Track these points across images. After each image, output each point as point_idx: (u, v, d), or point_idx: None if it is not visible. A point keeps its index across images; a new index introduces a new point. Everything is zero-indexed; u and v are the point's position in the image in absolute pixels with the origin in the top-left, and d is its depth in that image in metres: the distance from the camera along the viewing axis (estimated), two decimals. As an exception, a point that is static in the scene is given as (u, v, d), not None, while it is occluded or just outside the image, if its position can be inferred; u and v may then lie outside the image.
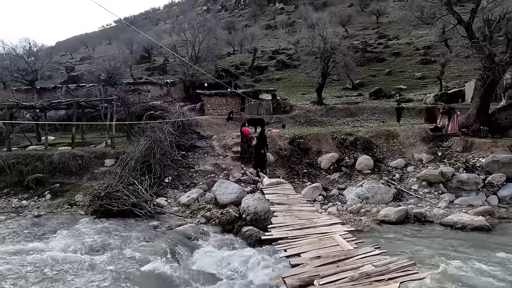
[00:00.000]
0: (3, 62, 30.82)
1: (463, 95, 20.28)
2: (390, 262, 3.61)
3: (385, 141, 12.81)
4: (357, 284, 3.28)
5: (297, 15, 51.12)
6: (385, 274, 3.34)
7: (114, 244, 7.33)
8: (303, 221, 5.75)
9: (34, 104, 16.51)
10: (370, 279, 3.31)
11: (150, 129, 13.04)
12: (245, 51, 40.94)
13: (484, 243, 6.85)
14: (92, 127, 17.91)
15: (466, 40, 14.21)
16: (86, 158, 12.42)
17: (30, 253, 6.88)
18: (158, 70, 36.69)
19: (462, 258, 5.96)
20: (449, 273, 5.26)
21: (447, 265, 5.50)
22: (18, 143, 16.07)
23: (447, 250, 6.50)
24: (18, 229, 8.62)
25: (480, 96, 12.32)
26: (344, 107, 21.20)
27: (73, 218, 9.55)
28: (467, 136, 11.85)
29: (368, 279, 3.31)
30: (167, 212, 9.78)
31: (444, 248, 6.60)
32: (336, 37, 23.29)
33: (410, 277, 3.27)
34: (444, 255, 6.05)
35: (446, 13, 14.47)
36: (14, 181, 11.68)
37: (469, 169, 10.36)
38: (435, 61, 28.91)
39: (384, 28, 44.42)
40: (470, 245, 6.71)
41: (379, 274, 3.36)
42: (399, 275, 3.30)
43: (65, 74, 38.40)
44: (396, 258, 3.74)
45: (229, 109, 20.65)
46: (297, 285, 3.44)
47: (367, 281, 3.29)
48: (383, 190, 9.99)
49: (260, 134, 11.64)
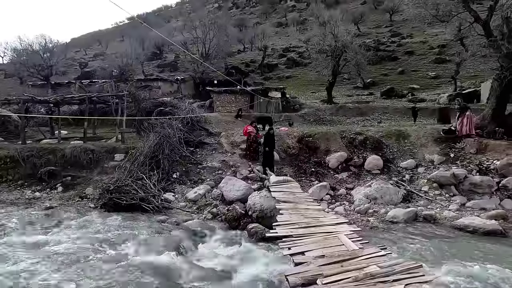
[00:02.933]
0: (20, 58, 31.73)
1: (479, 96, 19.70)
2: (395, 264, 3.54)
3: (395, 141, 12.57)
4: (361, 284, 3.23)
5: (308, 12, 50.65)
6: (390, 276, 3.28)
7: (122, 237, 7.46)
8: (308, 219, 5.71)
9: (49, 98, 16.93)
10: (374, 280, 3.25)
11: (159, 125, 13.17)
12: (256, 48, 40.85)
13: (496, 248, 6.64)
14: (103, 122, 18.23)
15: (483, 39, 13.73)
16: (97, 152, 12.65)
17: (41, 244, 7.08)
18: (169, 67, 37.04)
19: (472, 262, 5.79)
20: (457, 276, 5.12)
21: (456, 269, 5.36)
22: (33, 137, 16.51)
23: (456, 253, 6.33)
24: (31, 220, 8.87)
25: (496, 97, 11.93)
26: (354, 106, 20.92)
27: (83, 210, 9.75)
28: (482, 137, 11.50)
29: (372, 280, 3.26)
30: (175, 207, 9.88)
31: (453, 251, 6.43)
32: (348, 35, 22.97)
33: (416, 279, 3.19)
34: (453, 258, 5.90)
35: (462, 11, 14.01)
36: (28, 173, 12.00)
37: (483, 172, 10.05)
38: (449, 60, 28.17)
39: (398, 26, 43.51)
40: (481, 249, 6.52)
41: (383, 275, 3.31)
42: (404, 277, 3.23)
43: (79, 70, 39.25)
44: (402, 260, 3.67)
45: (238, 106, 20.67)
46: (300, 283, 3.41)
47: (371, 282, 3.24)
48: (392, 191, 9.81)
49: (267, 133, 11.60)
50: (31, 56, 30.16)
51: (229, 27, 40.31)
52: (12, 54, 35.10)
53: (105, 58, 39.94)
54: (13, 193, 11.25)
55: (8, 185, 11.70)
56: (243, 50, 43.61)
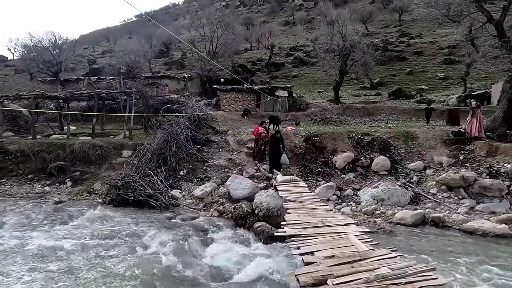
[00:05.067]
0: (30, 54, 32.13)
1: (489, 98, 19.38)
2: (407, 266, 3.51)
3: (403, 142, 12.45)
4: (372, 286, 3.22)
5: (316, 11, 50.25)
6: (402, 278, 3.25)
7: (129, 233, 7.54)
8: (317, 219, 5.70)
9: (58, 94, 17.14)
10: (386, 282, 3.23)
11: (166, 122, 13.25)
12: (263, 47, 40.76)
13: (506, 252, 6.54)
14: (111, 118, 18.40)
15: (496, 40, 13.54)
16: (105, 148, 12.78)
17: (49, 238, 7.18)
18: (176, 65, 37.16)
19: (483, 265, 5.72)
20: (470, 280, 5.06)
21: (467, 272, 5.30)
22: (42, 132, 16.75)
23: (467, 256, 6.25)
24: (41, 214, 9.00)
25: (508, 99, 11.73)
26: (361, 107, 20.75)
27: (91, 205, 9.87)
28: (492, 140, 11.32)
29: (384, 282, 3.24)
30: (181, 204, 9.93)
31: (464, 255, 6.35)
32: (356, 35, 22.73)
33: (429, 282, 3.16)
34: (464, 262, 5.83)
35: (474, 11, 13.81)
36: (38, 167, 12.18)
37: (493, 175, 9.89)
38: (459, 61, 27.70)
39: (407, 26, 42.98)
40: (491, 253, 6.43)
41: (396, 277, 3.28)
42: (417, 280, 3.20)
43: (87, 66, 39.63)
44: (414, 262, 3.64)
45: (244, 105, 20.65)
46: (310, 283, 3.41)
47: (383, 284, 3.22)
48: (400, 192, 9.72)
49: (273, 137, 11.48)
50: (41, 52, 30.51)
51: (236, 25, 40.24)
52: (23, 50, 35.56)
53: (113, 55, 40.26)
54: (23, 187, 11.44)
55: (19, 179, 11.90)
56: (250, 48, 43.54)
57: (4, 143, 13.17)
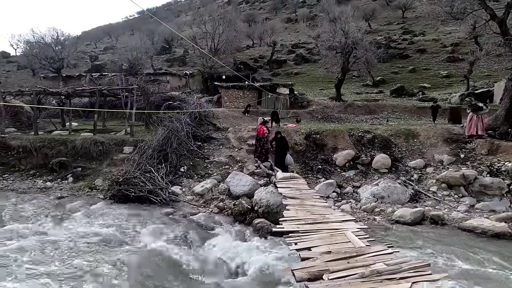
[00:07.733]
0: (33, 50, 32.23)
1: (492, 96, 19.23)
2: (402, 262, 3.53)
3: (404, 140, 12.42)
4: (367, 281, 3.24)
5: (319, 8, 50.00)
6: (396, 273, 3.28)
7: (130, 228, 7.61)
8: (315, 216, 5.73)
9: (60, 90, 17.22)
10: (381, 277, 3.26)
11: (168, 119, 13.29)
12: (264, 44, 40.62)
13: (504, 250, 6.55)
14: (113, 114, 18.46)
15: (499, 37, 13.42)
16: (107, 144, 12.85)
17: (52, 232, 7.27)
18: (177, 62, 37.16)
19: (480, 263, 5.74)
20: (465, 277, 5.09)
21: (463, 269, 5.32)
22: (44, 128, 16.85)
23: (464, 254, 6.28)
24: (43, 208, 9.10)
25: (510, 97, 11.65)
26: (363, 104, 20.68)
27: (92, 201, 9.96)
28: (494, 138, 11.28)
29: (379, 277, 3.26)
30: (182, 200, 10.00)
31: (461, 252, 6.37)
32: (359, 32, 22.60)
33: (423, 278, 3.19)
34: (461, 259, 5.85)
35: (478, 8, 13.68)
36: (39, 163, 12.29)
37: (494, 173, 9.87)
38: (463, 59, 27.50)
39: (410, 23, 42.64)
40: (489, 251, 6.45)
41: (390, 272, 3.31)
42: (411, 275, 3.22)
43: (89, 63, 39.72)
44: (409, 258, 3.66)
45: (246, 102, 20.63)
46: (306, 278, 3.44)
47: (378, 279, 3.24)
48: (400, 190, 9.73)
49: (275, 138, 11.42)
50: (43, 48, 30.60)
51: (238, 22, 40.09)
52: (25, 46, 35.65)
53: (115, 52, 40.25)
54: (25, 182, 11.55)
55: (21, 175, 12.01)
56: (252, 45, 43.39)
57: (6, 138, 13.29)
